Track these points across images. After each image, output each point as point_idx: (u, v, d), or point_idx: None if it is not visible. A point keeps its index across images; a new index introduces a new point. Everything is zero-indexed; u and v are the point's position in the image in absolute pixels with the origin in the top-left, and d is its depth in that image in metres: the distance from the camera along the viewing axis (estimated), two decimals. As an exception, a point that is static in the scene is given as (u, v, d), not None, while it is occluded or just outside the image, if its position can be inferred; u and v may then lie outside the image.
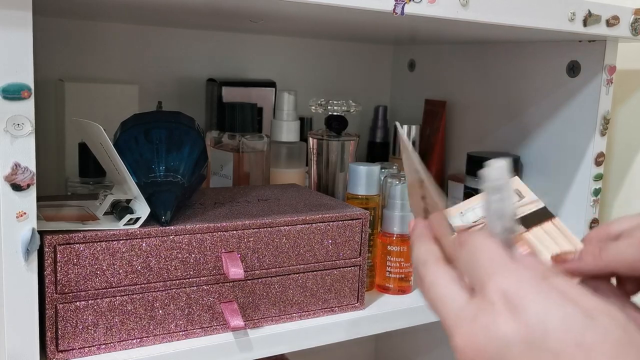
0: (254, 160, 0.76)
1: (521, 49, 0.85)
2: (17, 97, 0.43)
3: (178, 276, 0.54)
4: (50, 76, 0.79)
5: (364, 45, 1.05)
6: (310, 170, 0.77)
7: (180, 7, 0.63)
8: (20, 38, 0.42)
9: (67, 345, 0.50)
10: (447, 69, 0.98)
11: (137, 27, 0.85)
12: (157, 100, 0.87)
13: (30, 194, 0.44)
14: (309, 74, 1.00)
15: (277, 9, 0.59)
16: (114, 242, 0.51)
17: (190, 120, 0.61)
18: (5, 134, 0.43)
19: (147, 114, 0.61)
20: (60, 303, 0.49)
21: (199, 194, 0.65)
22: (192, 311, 0.55)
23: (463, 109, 0.95)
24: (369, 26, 0.74)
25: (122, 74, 0.85)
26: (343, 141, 0.74)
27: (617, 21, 0.68)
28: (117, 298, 0.51)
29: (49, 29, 0.79)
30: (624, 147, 0.86)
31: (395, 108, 1.08)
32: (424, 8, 0.56)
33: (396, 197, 0.69)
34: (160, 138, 0.58)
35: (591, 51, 0.76)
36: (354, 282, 0.63)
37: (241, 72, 0.94)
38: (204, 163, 0.60)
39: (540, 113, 0.83)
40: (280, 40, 0.97)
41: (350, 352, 1.14)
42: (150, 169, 0.56)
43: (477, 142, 0.92)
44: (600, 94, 0.75)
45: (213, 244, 0.55)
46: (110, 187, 0.61)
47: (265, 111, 0.88)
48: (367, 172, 0.68)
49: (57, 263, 0.49)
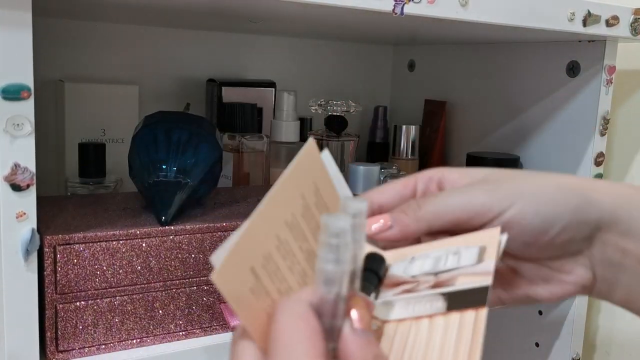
0: (254, 160, 0.76)
1: (521, 49, 0.85)
2: (17, 97, 0.43)
3: (178, 276, 0.54)
4: (50, 76, 0.79)
5: (364, 45, 1.05)
6: (310, 170, 0.77)
7: (180, 7, 0.63)
8: (20, 38, 0.42)
9: (67, 346, 0.50)
10: (447, 69, 0.98)
11: (137, 27, 0.85)
12: (157, 100, 0.87)
13: (30, 194, 0.44)
14: (309, 74, 1.00)
15: (277, 9, 0.59)
16: (114, 242, 0.51)
17: (212, 128, 0.61)
18: (5, 134, 0.43)
19: (173, 114, 0.62)
20: (60, 303, 0.49)
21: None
22: (192, 311, 0.55)
23: (463, 109, 0.95)
24: (369, 26, 0.74)
25: (122, 74, 0.85)
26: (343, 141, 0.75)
27: (617, 21, 0.68)
28: (117, 298, 0.51)
29: (49, 29, 0.79)
30: (624, 147, 0.86)
31: (395, 108, 1.08)
32: (423, 8, 0.56)
33: (396, 197, 0.69)
34: (179, 139, 0.58)
35: (591, 51, 0.76)
36: (354, 282, 0.63)
37: (241, 72, 0.94)
38: (218, 171, 0.60)
39: (540, 113, 0.83)
40: (280, 40, 0.97)
41: (350, 352, 1.14)
42: (162, 169, 0.56)
43: (477, 142, 0.92)
44: (600, 94, 0.75)
45: (213, 244, 0.55)
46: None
47: (265, 111, 0.88)
48: (367, 172, 0.68)
49: (57, 263, 0.49)
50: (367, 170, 0.68)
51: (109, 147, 0.73)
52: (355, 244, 0.28)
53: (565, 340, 0.81)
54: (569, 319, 0.80)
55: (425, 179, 0.39)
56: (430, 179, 0.39)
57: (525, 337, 0.86)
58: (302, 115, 0.88)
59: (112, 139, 0.78)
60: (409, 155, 0.95)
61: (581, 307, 0.80)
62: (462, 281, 0.32)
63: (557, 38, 0.76)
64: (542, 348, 0.84)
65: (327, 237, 0.26)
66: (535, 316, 0.84)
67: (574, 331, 0.80)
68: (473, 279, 0.31)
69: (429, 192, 0.39)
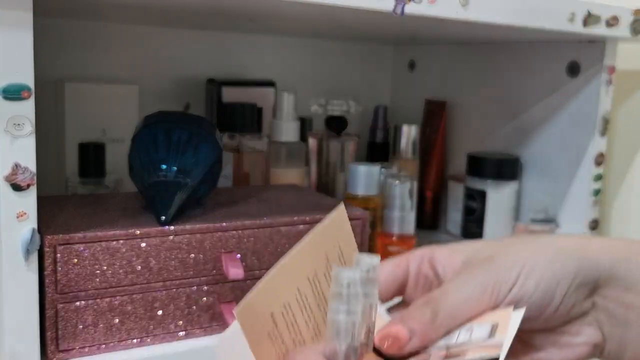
0: (253, 160, 0.76)
1: (521, 49, 0.85)
2: (17, 97, 0.43)
3: (178, 276, 0.54)
4: (50, 76, 0.79)
5: (364, 45, 1.05)
6: (310, 170, 0.77)
7: (180, 7, 0.63)
8: (20, 38, 0.42)
9: (67, 345, 0.50)
10: (447, 69, 0.98)
11: (137, 27, 0.85)
12: (157, 101, 0.87)
13: (30, 194, 0.44)
14: (309, 74, 1.00)
15: (277, 9, 0.59)
16: (114, 242, 0.51)
17: (212, 128, 0.61)
18: (5, 134, 0.43)
19: (172, 114, 0.62)
20: (60, 303, 0.49)
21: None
22: (192, 311, 0.55)
23: (463, 109, 0.95)
24: (369, 26, 0.74)
25: (122, 74, 0.85)
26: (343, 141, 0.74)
27: (617, 21, 0.68)
28: (117, 298, 0.51)
29: (49, 29, 0.79)
30: (624, 147, 0.86)
31: (395, 108, 1.08)
32: (424, 8, 0.56)
33: (396, 198, 0.69)
34: (179, 139, 0.58)
35: (591, 51, 0.76)
36: (354, 282, 0.63)
37: (241, 72, 0.94)
38: (218, 171, 0.60)
39: (540, 113, 0.83)
40: (280, 40, 0.97)
41: (350, 352, 1.14)
42: (162, 169, 0.56)
43: (477, 142, 0.92)
44: (600, 94, 0.75)
45: (213, 244, 0.55)
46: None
47: (265, 111, 0.88)
48: (367, 172, 0.68)
49: (57, 263, 0.49)
50: (367, 170, 0.68)
51: (109, 147, 0.73)
52: (367, 297, 0.29)
53: (565, 340, 0.81)
54: (569, 319, 0.80)
55: (416, 259, 0.40)
56: (421, 259, 0.40)
57: (525, 337, 0.86)
58: (302, 115, 0.88)
59: (112, 139, 0.78)
60: (409, 155, 0.95)
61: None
62: (473, 353, 0.32)
63: (557, 38, 0.76)
64: (542, 348, 0.84)
65: (338, 288, 0.27)
66: (535, 316, 0.84)
67: (574, 331, 0.80)
68: (484, 351, 0.32)
69: (421, 273, 0.39)
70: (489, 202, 0.83)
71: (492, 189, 0.82)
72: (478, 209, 0.83)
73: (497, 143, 0.89)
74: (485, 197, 0.83)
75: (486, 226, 0.83)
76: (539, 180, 0.83)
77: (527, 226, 0.81)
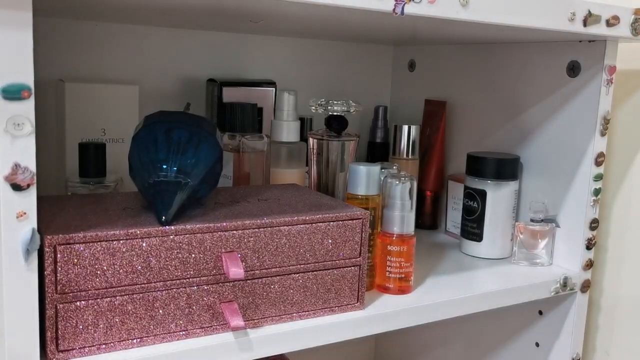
0: (254, 160, 0.76)
1: (521, 49, 0.85)
2: (17, 97, 0.43)
3: (178, 276, 0.54)
4: (50, 76, 0.79)
5: (364, 45, 1.05)
6: (310, 170, 0.77)
7: (180, 7, 0.63)
8: (20, 38, 0.42)
9: (67, 345, 0.50)
10: (447, 69, 0.98)
11: (137, 27, 0.85)
12: (157, 101, 0.87)
13: (30, 194, 0.44)
14: (309, 74, 1.00)
15: (277, 9, 0.59)
16: (114, 242, 0.51)
17: (212, 127, 0.61)
18: (5, 134, 0.43)
19: (173, 113, 0.62)
20: (60, 303, 0.49)
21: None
22: (192, 311, 0.55)
23: (463, 109, 0.95)
24: (369, 26, 0.74)
25: (122, 74, 0.85)
26: (343, 141, 0.74)
27: (617, 21, 0.68)
28: (117, 298, 0.51)
29: (49, 29, 0.79)
30: (624, 147, 0.86)
31: (395, 108, 1.08)
32: (424, 8, 0.56)
33: (396, 197, 0.69)
34: (180, 139, 0.58)
35: (591, 51, 0.76)
36: (354, 282, 0.63)
37: (241, 72, 0.94)
38: (218, 171, 0.61)
39: (540, 113, 0.83)
40: (280, 40, 0.97)
41: (350, 352, 1.14)
42: (162, 168, 0.56)
43: (477, 142, 0.93)
44: (600, 94, 0.75)
45: (213, 244, 0.55)
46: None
47: (265, 111, 0.88)
48: (367, 172, 0.68)
49: (57, 263, 0.49)
50: (367, 170, 0.68)
51: (109, 147, 0.73)
52: None
53: (565, 340, 0.81)
54: (569, 319, 0.80)
55: None
56: None
57: (525, 337, 0.86)
58: (302, 115, 0.88)
59: (112, 139, 0.78)
60: (409, 155, 0.95)
61: (581, 307, 0.80)
62: None
63: (558, 38, 0.76)
64: (542, 348, 0.84)
65: None
66: (535, 316, 0.84)
67: (574, 331, 0.80)
68: None
69: None
70: (489, 202, 0.83)
71: (492, 189, 0.82)
72: (478, 208, 0.83)
73: (497, 143, 0.89)
74: (485, 197, 0.83)
75: (486, 226, 0.83)
76: (539, 180, 0.83)
77: (527, 226, 0.81)
